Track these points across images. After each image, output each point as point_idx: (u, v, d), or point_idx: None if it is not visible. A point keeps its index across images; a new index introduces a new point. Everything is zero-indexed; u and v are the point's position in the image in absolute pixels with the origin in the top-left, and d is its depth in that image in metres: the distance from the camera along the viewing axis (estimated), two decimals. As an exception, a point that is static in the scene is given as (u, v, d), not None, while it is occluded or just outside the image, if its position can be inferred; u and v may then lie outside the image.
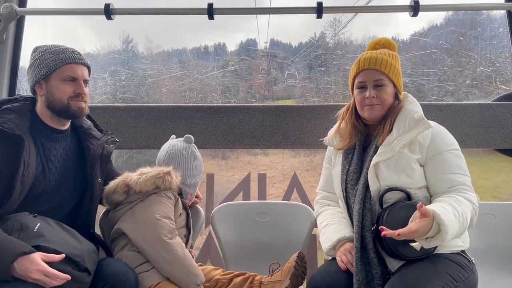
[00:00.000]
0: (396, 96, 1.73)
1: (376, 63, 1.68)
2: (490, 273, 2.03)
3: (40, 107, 1.67)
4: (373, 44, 1.81)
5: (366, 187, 1.64)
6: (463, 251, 1.61)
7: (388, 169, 1.60)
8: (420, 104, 1.73)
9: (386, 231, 1.40)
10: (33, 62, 1.66)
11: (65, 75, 1.64)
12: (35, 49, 1.69)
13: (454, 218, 1.42)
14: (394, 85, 1.71)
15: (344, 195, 1.73)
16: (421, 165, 1.63)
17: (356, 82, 1.74)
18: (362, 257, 1.57)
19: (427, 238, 1.41)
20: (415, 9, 2.22)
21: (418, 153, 1.62)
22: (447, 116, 2.47)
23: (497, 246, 2.11)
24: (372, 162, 1.62)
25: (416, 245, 1.49)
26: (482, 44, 3.19)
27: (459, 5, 2.58)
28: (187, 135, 1.96)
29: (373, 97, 1.67)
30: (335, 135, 1.86)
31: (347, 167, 1.75)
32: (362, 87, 1.72)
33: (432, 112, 2.44)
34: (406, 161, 1.60)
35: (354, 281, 1.54)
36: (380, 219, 1.55)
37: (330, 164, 1.91)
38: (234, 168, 3.49)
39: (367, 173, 1.64)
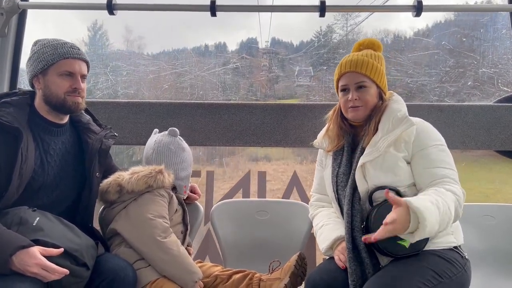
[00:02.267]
0: (381, 96, 1.73)
1: (357, 66, 1.68)
2: (488, 274, 2.03)
3: (38, 101, 1.67)
4: (357, 45, 1.81)
5: (354, 188, 1.64)
6: (455, 247, 1.59)
7: (375, 169, 1.61)
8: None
9: (367, 237, 1.38)
10: (32, 55, 1.65)
11: (62, 70, 1.62)
12: (35, 42, 1.68)
13: (431, 205, 1.37)
14: (378, 86, 1.71)
15: (336, 196, 1.74)
16: (408, 163, 1.62)
17: (339, 85, 1.75)
18: (356, 257, 1.57)
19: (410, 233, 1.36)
20: (418, 9, 2.21)
21: (404, 150, 1.61)
22: (448, 117, 2.45)
23: (496, 248, 2.11)
24: (359, 163, 1.63)
25: (404, 242, 1.47)
26: (484, 46, 3.19)
27: (462, 6, 2.58)
28: (171, 128, 1.91)
29: (355, 99, 1.67)
30: (324, 138, 1.86)
31: (337, 169, 1.75)
32: (345, 90, 1.72)
33: (433, 112, 2.43)
34: (392, 160, 1.60)
35: (349, 281, 1.54)
36: (369, 217, 1.55)
37: (322, 166, 1.91)
38: (233, 179, 3.42)
39: (355, 174, 1.64)
